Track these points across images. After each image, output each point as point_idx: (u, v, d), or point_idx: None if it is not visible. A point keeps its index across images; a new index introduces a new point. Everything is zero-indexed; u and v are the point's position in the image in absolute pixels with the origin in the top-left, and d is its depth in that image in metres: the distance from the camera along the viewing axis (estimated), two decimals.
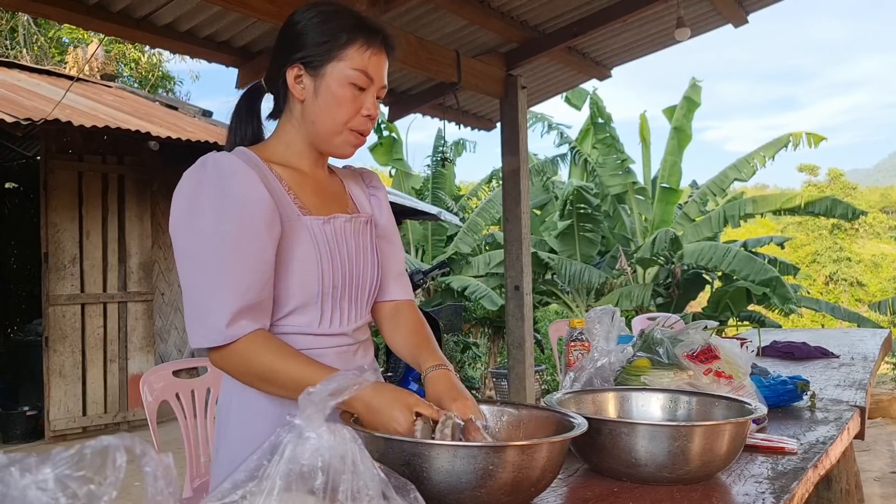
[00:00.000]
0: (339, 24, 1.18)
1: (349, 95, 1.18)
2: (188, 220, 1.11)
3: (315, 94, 1.18)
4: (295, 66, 1.18)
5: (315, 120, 1.19)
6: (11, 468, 0.47)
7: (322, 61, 1.17)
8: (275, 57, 1.22)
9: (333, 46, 1.17)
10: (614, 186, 9.62)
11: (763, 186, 47.08)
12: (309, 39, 1.18)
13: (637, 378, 1.46)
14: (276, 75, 1.22)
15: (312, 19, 1.19)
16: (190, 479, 1.98)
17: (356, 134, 1.21)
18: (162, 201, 6.45)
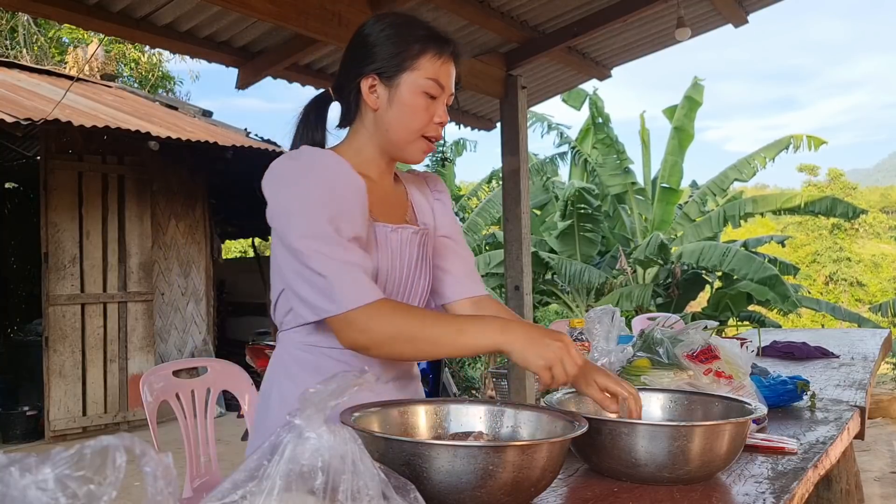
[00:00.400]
0: (412, 35, 1.22)
1: (422, 104, 1.22)
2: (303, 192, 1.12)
3: (389, 103, 1.21)
4: (369, 76, 1.21)
5: (389, 128, 1.23)
6: (11, 468, 0.47)
7: (396, 71, 1.20)
8: (347, 67, 1.25)
9: (407, 57, 1.20)
10: (614, 186, 9.63)
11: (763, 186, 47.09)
12: (382, 51, 1.21)
13: (637, 378, 1.46)
14: (348, 85, 1.24)
15: (385, 31, 1.23)
16: (190, 479, 1.98)
17: (428, 141, 1.25)
18: (162, 201, 6.46)
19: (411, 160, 1.28)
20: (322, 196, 1.12)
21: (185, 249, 6.66)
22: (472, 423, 1.10)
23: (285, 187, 1.14)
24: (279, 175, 1.15)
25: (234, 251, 15.68)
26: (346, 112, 1.28)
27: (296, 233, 1.11)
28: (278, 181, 1.14)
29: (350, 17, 3.70)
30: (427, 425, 1.10)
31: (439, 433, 1.09)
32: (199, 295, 6.75)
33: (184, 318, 6.62)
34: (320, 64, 4.56)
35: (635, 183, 9.75)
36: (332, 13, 3.58)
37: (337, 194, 1.13)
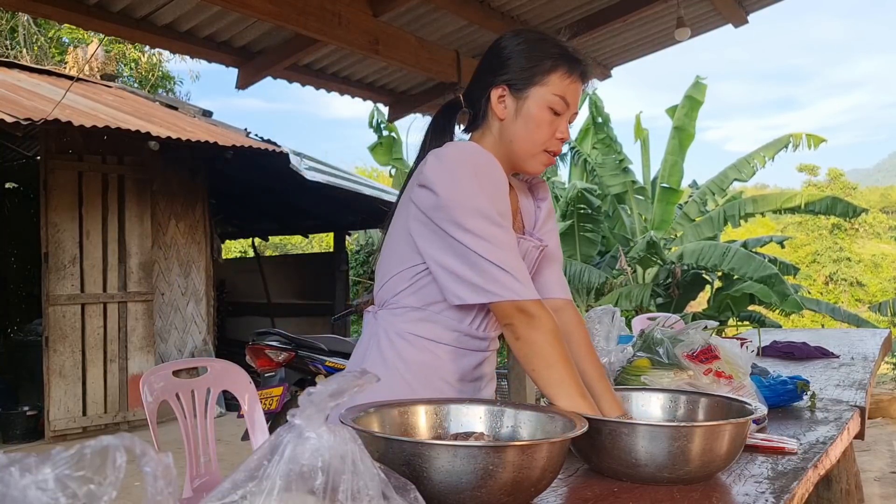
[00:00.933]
0: (546, 52, 1.27)
1: (547, 118, 1.27)
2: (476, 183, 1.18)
3: (516, 114, 1.27)
4: (500, 86, 1.28)
5: (513, 139, 1.29)
6: (11, 468, 0.47)
7: (526, 84, 1.26)
8: (480, 76, 1.32)
9: (538, 72, 1.26)
10: (614, 186, 9.62)
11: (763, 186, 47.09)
12: (515, 63, 1.27)
13: (637, 378, 1.46)
14: (480, 93, 1.31)
15: (520, 45, 1.29)
16: (190, 479, 1.98)
17: (549, 155, 1.31)
18: (162, 201, 6.46)
19: (531, 172, 1.34)
20: (492, 191, 1.19)
21: (185, 249, 6.66)
22: (472, 423, 1.10)
23: (459, 176, 1.18)
24: (452, 163, 1.19)
25: (234, 251, 15.68)
26: (473, 119, 1.34)
27: (472, 218, 1.15)
28: (449, 170, 1.19)
29: (350, 17, 3.70)
30: (427, 425, 1.10)
31: (439, 433, 1.09)
32: (199, 295, 6.75)
33: (184, 318, 6.62)
34: (320, 64, 4.56)
35: (635, 182, 9.75)
36: (332, 13, 3.58)
37: (501, 191, 1.21)
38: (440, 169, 1.19)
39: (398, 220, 1.29)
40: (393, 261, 1.29)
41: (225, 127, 7.34)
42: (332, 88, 4.83)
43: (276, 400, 3.80)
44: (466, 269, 1.16)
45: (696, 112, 9.61)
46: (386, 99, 5.27)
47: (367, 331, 1.35)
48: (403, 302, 1.28)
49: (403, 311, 1.28)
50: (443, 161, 1.20)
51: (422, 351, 1.27)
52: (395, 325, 1.28)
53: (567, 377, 1.14)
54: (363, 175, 10.86)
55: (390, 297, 1.30)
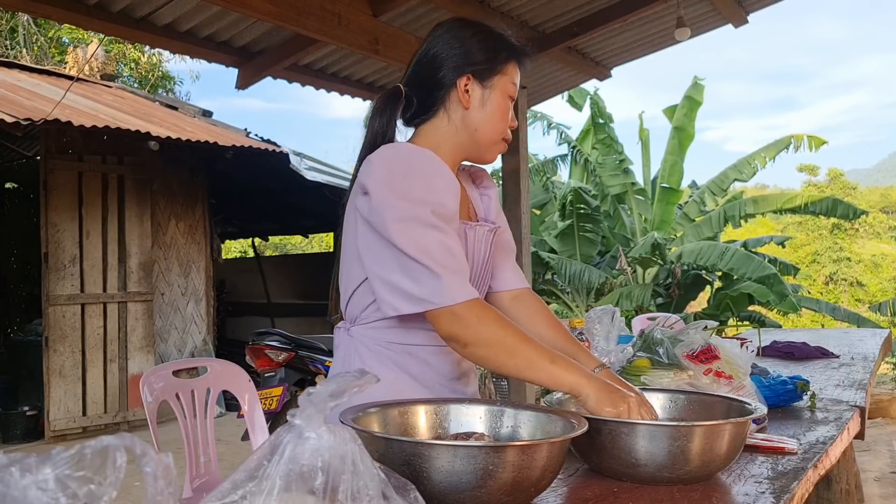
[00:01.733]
0: (501, 42, 1.31)
1: (507, 107, 1.31)
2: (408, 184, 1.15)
3: (482, 103, 1.28)
4: (466, 75, 1.27)
5: (479, 127, 1.29)
6: (12, 468, 0.47)
7: (491, 73, 1.28)
8: (433, 65, 1.30)
9: (499, 61, 1.29)
10: (614, 187, 9.62)
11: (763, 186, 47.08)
12: (480, 53, 1.28)
13: (637, 378, 1.46)
14: (436, 82, 1.28)
15: (477, 35, 1.30)
16: (190, 479, 1.98)
17: (505, 143, 1.33)
18: (162, 201, 6.46)
19: (488, 160, 1.35)
20: (426, 191, 1.15)
21: (185, 249, 6.66)
22: (472, 423, 1.10)
23: (391, 180, 1.15)
24: (383, 167, 1.17)
25: (234, 251, 15.69)
26: (422, 109, 1.31)
27: (399, 225, 1.12)
28: (384, 174, 1.16)
29: (350, 17, 3.70)
30: (427, 425, 1.10)
31: (439, 433, 1.09)
32: (199, 295, 6.75)
33: (184, 318, 6.62)
34: (320, 64, 4.56)
35: (635, 183, 9.75)
36: (332, 13, 3.58)
37: (438, 190, 1.17)
38: (373, 174, 1.16)
39: (348, 228, 1.25)
40: (353, 274, 1.25)
41: (225, 127, 7.34)
42: (332, 88, 4.83)
43: (275, 400, 3.80)
44: (398, 277, 1.13)
45: (695, 112, 9.62)
46: None
47: (344, 347, 1.31)
48: (374, 315, 1.24)
49: (377, 322, 1.25)
50: (375, 165, 1.17)
51: (406, 357, 1.26)
52: (374, 337, 1.26)
53: (533, 354, 1.12)
54: None
55: (360, 312, 1.27)
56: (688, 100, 9.60)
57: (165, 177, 6.43)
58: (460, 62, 1.27)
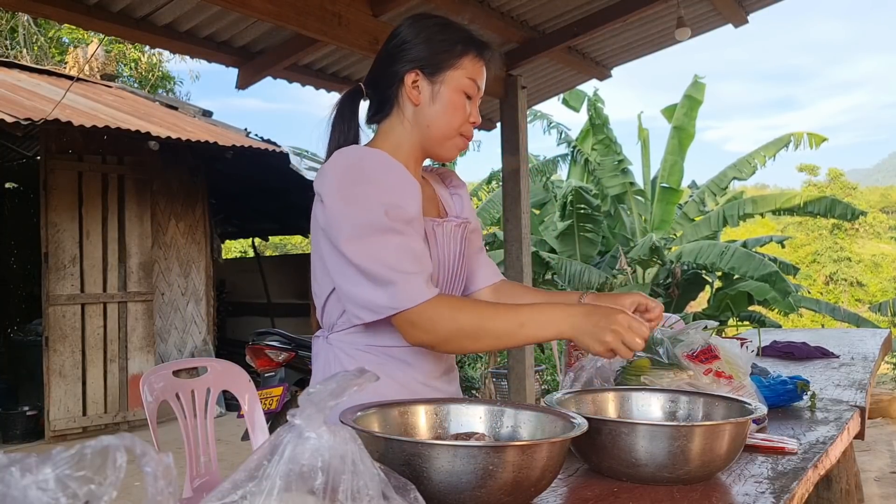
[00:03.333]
0: (456, 36, 1.27)
1: (461, 102, 1.26)
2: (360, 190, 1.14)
3: (432, 99, 1.25)
4: (412, 71, 1.25)
5: (430, 124, 1.26)
6: (12, 468, 0.47)
7: (440, 68, 1.25)
8: (386, 62, 1.28)
9: (451, 55, 1.25)
10: (613, 187, 9.62)
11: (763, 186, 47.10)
12: (427, 48, 1.25)
13: (637, 378, 1.46)
14: (388, 79, 1.27)
15: (430, 29, 1.27)
16: (190, 479, 1.98)
17: (464, 139, 1.30)
18: (162, 201, 6.46)
19: (447, 157, 1.31)
20: (380, 193, 1.14)
21: (185, 249, 6.66)
22: (472, 423, 1.10)
23: (342, 189, 1.14)
24: (334, 176, 1.16)
25: (234, 251, 15.69)
26: (379, 107, 1.30)
27: (350, 234, 1.12)
28: (334, 182, 1.15)
29: (350, 17, 3.70)
30: (427, 425, 1.10)
31: (439, 433, 1.09)
32: (199, 295, 6.75)
33: (184, 318, 6.62)
34: (320, 64, 4.56)
35: (634, 183, 9.75)
36: (332, 13, 3.58)
37: (393, 191, 1.16)
38: (325, 183, 1.16)
39: (314, 240, 1.24)
40: (324, 282, 1.25)
41: (225, 127, 7.34)
42: (332, 88, 4.83)
43: (276, 400, 3.80)
44: (356, 288, 1.13)
45: (695, 112, 9.61)
46: None
47: (323, 354, 1.30)
48: (350, 321, 1.23)
49: (353, 329, 1.25)
50: (327, 174, 1.17)
51: (386, 359, 1.25)
52: (351, 342, 1.26)
53: (499, 326, 1.12)
54: None
55: (336, 319, 1.27)
56: (688, 99, 9.59)
57: (165, 177, 6.43)
58: (408, 57, 1.25)
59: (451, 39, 1.26)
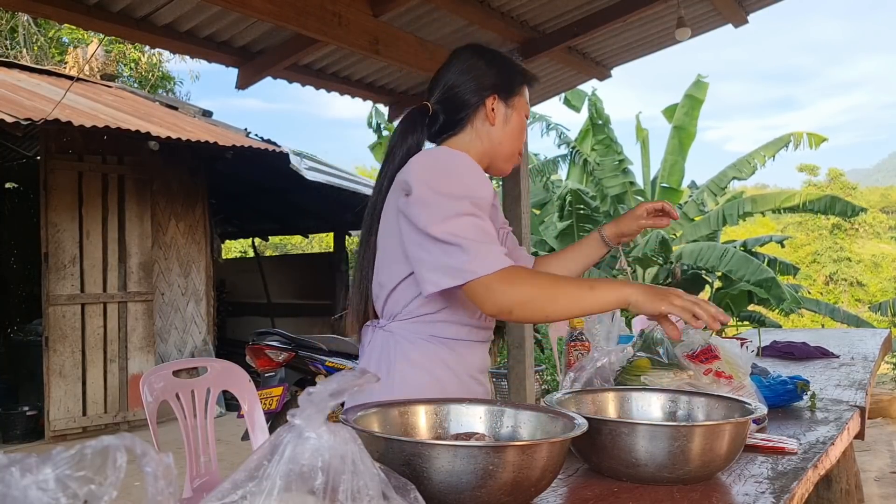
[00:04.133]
0: (517, 68, 1.49)
1: (524, 125, 1.49)
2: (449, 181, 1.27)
3: (505, 121, 1.45)
4: (492, 96, 1.43)
5: (502, 141, 1.45)
6: (12, 468, 0.47)
7: (513, 94, 1.45)
8: (466, 87, 1.44)
9: (517, 84, 1.47)
10: (613, 187, 9.62)
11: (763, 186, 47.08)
12: (503, 76, 1.45)
13: (637, 378, 1.46)
14: (465, 102, 1.43)
15: (501, 59, 1.47)
16: (190, 479, 1.98)
17: (519, 157, 1.51)
18: (162, 201, 6.46)
19: (504, 172, 1.50)
20: (464, 187, 1.27)
21: (185, 249, 6.66)
22: (472, 423, 1.10)
23: (433, 179, 1.26)
24: (426, 169, 1.29)
25: (234, 251, 15.69)
26: (450, 125, 1.45)
27: (440, 216, 1.22)
28: (426, 174, 1.28)
29: (350, 17, 3.70)
30: (427, 425, 1.10)
31: (439, 433, 1.09)
32: (199, 295, 6.75)
33: (184, 318, 6.62)
34: (320, 64, 4.56)
35: (634, 183, 9.74)
36: (332, 13, 3.58)
37: (475, 185, 1.29)
38: (416, 175, 1.27)
39: (389, 229, 1.34)
40: (396, 270, 1.34)
41: (225, 127, 7.34)
42: (332, 88, 4.83)
43: (276, 400, 3.80)
44: (436, 257, 1.21)
45: (696, 111, 9.59)
46: (386, 99, 5.27)
47: (380, 343, 1.39)
48: (416, 311, 1.35)
49: (419, 318, 1.35)
50: (418, 167, 1.29)
51: (445, 350, 1.36)
52: (417, 332, 1.36)
53: (573, 290, 1.20)
54: (363, 175, 10.86)
55: (402, 308, 1.36)
56: (689, 98, 9.58)
57: (165, 177, 6.43)
58: (487, 84, 1.43)
59: (517, 70, 1.47)
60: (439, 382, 1.34)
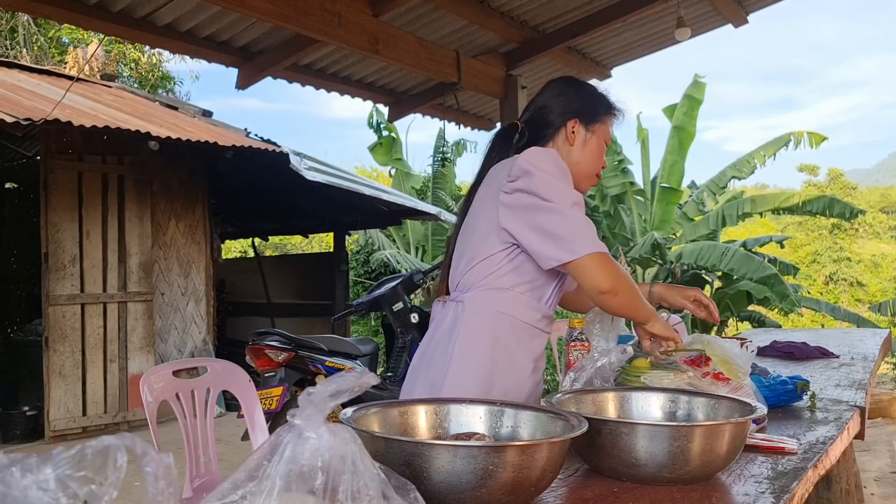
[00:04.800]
0: (603, 98, 1.65)
1: (602, 149, 1.63)
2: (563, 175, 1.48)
3: (584, 143, 1.60)
4: (573, 119, 1.59)
5: (580, 161, 1.60)
6: (12, 468, 0.47)
7: (595, 121, 1.61)
8: (551, 110, 1.62)
9: (600, 111, 1.62)
10: (613, 187, 9.61)
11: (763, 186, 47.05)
12: (588, 103, 1.62)
13: (637, 378, 1.46)
14: (549, 123, 1.61)
15: (587, 88, 1.67)
16: (190, 479, 1.98)
17: (597, 179, 1.66)
18: (162, 201, 6.45)
19: (581, 190, 1.59)
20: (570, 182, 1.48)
21: (185, 249, 6.65)
22: (472, 423, 1.10)
23: (554, 170, 1.45)
24: (547, 160, 1.47)
25: (234, 251, 15.68)
26: (533, 139, 1.60)
27: (568, 200, 1.41)
28: (548, 164, 1.46)
29: (350, 17, 3.70)
30: (427, 425, 1.10)
31: (439, 433, 1.09)
32: (199, 295, 6.75)
33: (184, 318, 6.62)
34: (320, 64, 4.56)
35: (633, 183, 9.74)
36: (332, 13, 3.58)
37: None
38: (534, 160, 1.45)
39: (482, 212, 1.52)
40: (489, 243, 1.49)
41: (225, 127, 7.34)
42: (332, 88, 4.83)
43: (275, 400, 3.80)
44: (562, 232, 1.39)
45: (696, 111, 9.59)
46: (386, 99, 5.27)
47: (451, 314, 1.51)
48: (493, 283, 1.48)
49: (494, 291, 1.48)
50: (534, 159, 1.46)
51: (509, 329, 1.47)
52: (488, 304, 1.48)
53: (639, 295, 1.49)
54: (363, 175, 10.86)
55: (479, 280, 1.49)
56: (688, 98, 9.58)
57: (165, 177, 6.43)
58: (571, 108, 1.60)
59: (602, 99, 1.63)
60: (494, 363, 1.45)
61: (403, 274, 4.55)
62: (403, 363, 4.20)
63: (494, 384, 1.45)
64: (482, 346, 1.45)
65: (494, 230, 1.47)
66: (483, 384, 1.44)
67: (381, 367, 6.01)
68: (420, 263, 10.24)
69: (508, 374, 1.47)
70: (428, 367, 1.51)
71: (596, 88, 1.67)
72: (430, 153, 11.14)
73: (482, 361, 1.44)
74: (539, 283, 1.50)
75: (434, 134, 21.66)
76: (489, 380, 1.45)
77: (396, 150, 11.02)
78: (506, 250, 1.47)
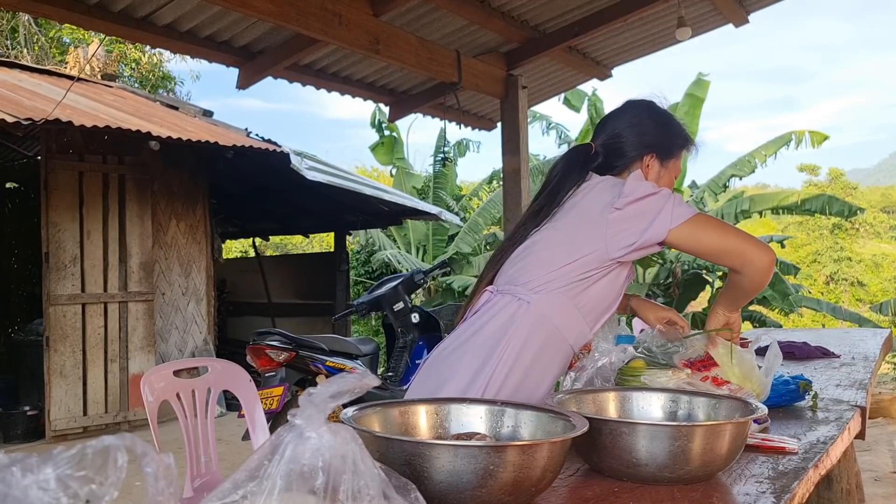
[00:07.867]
0: (681, 133, 1.66)
1: (672, 184, 1.64)
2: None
3: (657, 178, 1.60)
4: (651, 154, 1.60)
5: None
6: (13, 468, 0.47)
7: (669, 156, 1.62)
8: (631, 139, 1.61)
9: (676, 147, 1.64)
10: None
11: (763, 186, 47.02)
12: (665, 138, 1.63)
13: (636, 378, 1.46)
14: (626, 153, 1.61)
15: (664, 120, 1.65)
16: (190, 479, 1.98)
17: None
18: (162, 201, 6.46)
19: None
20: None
21: (185, 249, 6.66)
22: (473, 423, 1.10)
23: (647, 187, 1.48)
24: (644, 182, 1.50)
25: (235, 251, 15.69)
26: (607, 166, 1.61)
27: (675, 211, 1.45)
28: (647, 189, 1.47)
29: (350, 17, 3.70)
30: (427, 425, 1.10)
31: (439, 433, 1.09)
32: (199, 295, 6.75)
33: (184, 318, 6.62)
34: (320, 64, 4.56)
35: None
36: (332, 13, 3.58)
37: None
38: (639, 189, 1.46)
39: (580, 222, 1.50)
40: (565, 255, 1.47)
41: (225, 127, 7.34)
42: (332, 88, 4.83)
43: (276, 400, 3.80)
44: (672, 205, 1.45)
45: (698, 110, 9.57)
46: (386, 99, 5.27)
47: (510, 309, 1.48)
48: (565, 292, 1.47)
49: (562, 300, 1.47)
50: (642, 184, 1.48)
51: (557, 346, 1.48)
52: (551, 313, 1.47)
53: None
54: (363, 175, 10.85)
55: (548, 284, 1.48)
56: (690, 97, 9.56)
57: (166, 177, 6.43)
58: (649, 142, 1.60)
59: (681, 136, 1.65)
60: (534, 364, 1.45)
61: (404, 274, 4.56)
62: (404, 363, 4.20)
63: (521, 389, 1.44)
64: (529, 350, 1.45)
65: (589, 242, 1.45)
66: (515, 385, 1.44)
67: (381, 366, 6.01)
68: (421, 263, 10.24)
69: (534, 386, 1.46)
70: (478, 352, 1.47)
71: (673, 119, 1.67)
72: (430, 153, 11.15)
73: (523, 363, 1.44)
74: (599, 311, 1.51)
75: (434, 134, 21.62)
76: (521, 381, 1.45)
77: (398, 149, 11.02)
78: (595, 269, 1.46)
